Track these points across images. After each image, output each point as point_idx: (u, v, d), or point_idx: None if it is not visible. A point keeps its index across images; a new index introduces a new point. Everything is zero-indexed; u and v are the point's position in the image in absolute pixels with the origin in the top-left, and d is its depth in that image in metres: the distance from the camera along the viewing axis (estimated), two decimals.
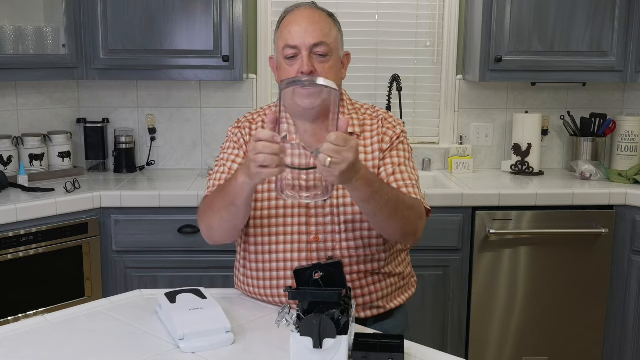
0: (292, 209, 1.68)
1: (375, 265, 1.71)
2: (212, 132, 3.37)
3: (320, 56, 1.64)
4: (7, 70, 2.80)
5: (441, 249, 2.86)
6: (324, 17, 1.69)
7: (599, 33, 3.08)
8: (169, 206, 2.78)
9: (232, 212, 1.60)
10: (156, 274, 2.82)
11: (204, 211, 1.70)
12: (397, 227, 1.61)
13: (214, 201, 1.65)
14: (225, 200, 1.58)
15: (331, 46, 1.65)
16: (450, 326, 2.94)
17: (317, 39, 1.63)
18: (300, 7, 1.70)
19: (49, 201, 2.65)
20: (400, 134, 1.76)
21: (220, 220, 1.64)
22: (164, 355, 1.41)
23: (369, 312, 1.72)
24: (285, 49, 1.65)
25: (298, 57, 1.64)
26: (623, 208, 2.91)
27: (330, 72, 1.65)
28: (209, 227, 1.69)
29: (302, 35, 1.63)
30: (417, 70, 3.42)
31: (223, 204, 1.60)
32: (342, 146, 1.36)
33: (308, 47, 1.63)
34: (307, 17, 1.66)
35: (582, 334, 2.98)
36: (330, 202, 1.67)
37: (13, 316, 2.57)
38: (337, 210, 1.68)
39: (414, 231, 1.65)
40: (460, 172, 3.31)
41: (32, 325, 1.57)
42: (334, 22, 1.72)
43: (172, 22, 2.97)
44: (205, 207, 1.70)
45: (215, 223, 1.66)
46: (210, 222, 1.67)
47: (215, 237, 1.71)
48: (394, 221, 1.59)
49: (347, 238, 1.68)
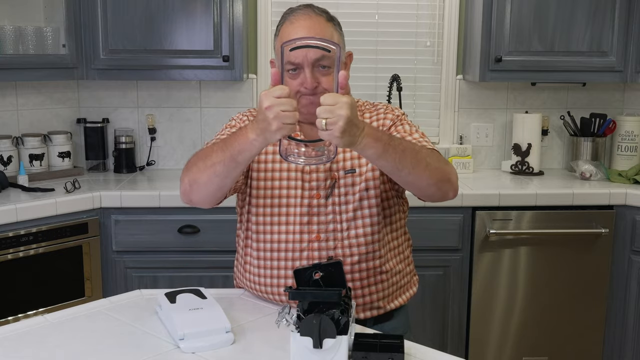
0: (294, 207, 1.68)
1: (376, 263, 1.71)
2: (212, 132, 3.37)
3: (324, 68, 1.60)
4: (7, 70, 2.80)
5: (441, 249, 2.86)
6: (323, 23, 1.64)
7: (599, 33, 3.08)
8: (169, 206, 2.78)
9: (229, 168, 1.52)
10: (156, 274, 2.82)
11: (194, 163, 1.60)
12: (427, 176, 1.55)
13: (210, 154, 1.55)
14: (226, 153, 1.50)
15: (334, 57, 1.59)
16: (450, 326, 2.94)
17: (319, 53, 1.57)
18: (299, 14, 1.64)
19: (49, 201, 2.65)
20: (400, 115, 1.75)
21: (211, 174, 1.54)
22: (164, 355, 1.41)
23: (368, 313, 1.72)
24: (286, 64, 1.59)
25: (300, 72, 1.60)
26: (623, 208, 2.91)
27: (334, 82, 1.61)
28: (193, 181, 1.59)
29: (303, 52, 1.56)
30: (417, 70, 3.42)
31: (222, 157, 1.51)
32: (333, 105, 1.35)
33: (310, 64, 1.58)
34: (307, 31, 1.61)
35: (582, 334, 2.98)
36: (332, 200, 1.68)
37: (13, 316, 2.57)
38: (339, 208, 1.68)
39: (447, 177, 1.60)
40: (460, 172, 3.30)
41: (32, 325, 1.57)
42: (334, 25, 1.67)
43: (172, 22, 2.97)
44: (197, 159, 1.60)
45: (204, 178, 1.56)
46: (198, 176, 1.57)
47: (195, 194, 1.61)
48: (421, 170, 1.53)
49: (349, 236, 1.68)
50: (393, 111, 1.76)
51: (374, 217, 1.69)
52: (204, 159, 1.57)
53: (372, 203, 1.68)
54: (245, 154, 1.49)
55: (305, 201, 1.67)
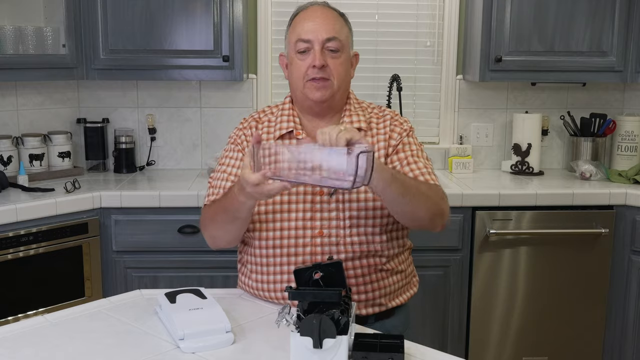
0: (296, 204, 1.69)
1: (378, 261, 1.71)
2: (212, 132, 3.37)
3: (332, 51, 1.69)
4: (7, 70, 2.80)
5: (441, 249, 2.86)
6: (336, 15, 1.75)
7: (599, 33, 3.08)
8: (169, 206, 2.78)
9: (237, 225, 1.65)
10: (156, 274, 2.82)
11: (207, 223, 1.73)
12: (422, 210, 1.62)
13: (216, 216, 1.68)
14: (229, 215, 1.62)
15: (343, 42, 1.71)
16: (450, 326, 2.94)
17: (330, 33, 1.68)
18: (314, 4, 1.76)
19: (49, 201, 2.65)
20: (408, 129, 1.79)
21: (225, 230, 1.68)
22: (163, 355, 1.41)
23: (370, 310, 1.73)
24: (297, 42, 1.69)
25: (310, 52, 1.69)
26: (623, 208, 2.91)
27: (342, 67, 1.71)
28: (212, 236, 1.74)
29: (315, 29, 1.68)
30: (417, 70, 3.42)
31: (226, 217, 1.63)
32: None
33: (321, 42, 1.68)
34: (320, 14, 1.72)
35: (582, 334, 2.98)
36: (336, 197, 1.68)
37: (13, 316, 2.57)
38: (342, 205, 1.69)
39: (441, 212, 1.67)
40: (460, 172, 3.31)
41: (32, 325, 1.57)
42: (345, 21, 1.78)
43: (172, 22, 2.97)
44: (208, 219, 1.73)
45: (220, 233, 1.70)
46: (215, 232, 1.71)
47: (219, 243, 1.75)
48: (418, 204, 1.60)
49: (351, 233, 1.68)
50: (402, 124, 1.79)
51: (377, 217, 1.69)
52: (212, 219, 1.69)
53: (376, 204, 1.69)
54: (243, 212, 1.59)
55: (308, 197, 1.69)
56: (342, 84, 1.73)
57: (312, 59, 1.67)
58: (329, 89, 1.69)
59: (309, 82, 1.69)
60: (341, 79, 1.72)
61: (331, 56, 1.69)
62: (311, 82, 1.68)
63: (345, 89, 1.77)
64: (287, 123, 1.76)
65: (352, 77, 1.81)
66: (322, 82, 1.69)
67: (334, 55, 1.70)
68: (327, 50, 1.69)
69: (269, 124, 1.79)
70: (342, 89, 1.74)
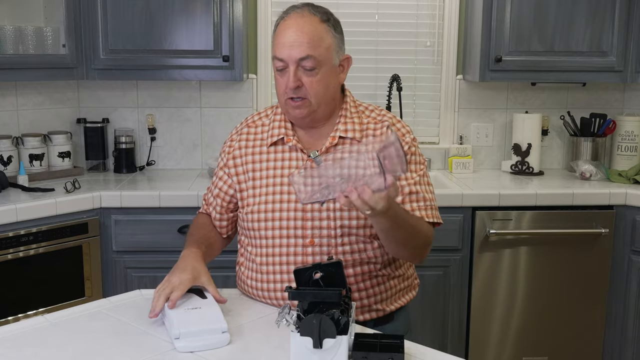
0: (287, 212, 1.67)
1: (372, 268, 1.70)
2: (212, 132, 3.37)
3: (308, 70, 1.62)
4: (7, 70, 2.80)
5: (441, 249, 2.85)
6: (315, 24, 1.62)
7: (599, 33, 3.08)
8: (169, 206, 2.78)
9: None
10: (156, 274, 2.78)
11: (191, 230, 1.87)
12: (405, 255, 1.69)
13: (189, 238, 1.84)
14: None
15: (320, 58, 1.61)
16: (450, 326, 2.94)
17: (303, 52, 1.59)
18: (294, 12, 1.64)
19: (49, 201, 2.65)
20: (410, 142, 1.74)
21: None
22: (163, 355, 1.41)
23: (367, 315, 1.71)
24: (274, 60, 1.65)
25: (286, 70, 1.62)
26: (623, 208, 2.91)
27: (319, 84, 1.63)
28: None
29: (290, 46, 1.60)
30: (417, 70, 3.42)
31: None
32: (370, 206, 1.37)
33: (295, 62, 1.60)
34: (296, 28, 1.61)
35: (582, 334, 2.98)
36: (327, 206, 1.67)
37: (13, 316, 2.57)
38: (334, 214, 1.66)
39: (420, 259, 1.70)
40: (460, 172, 3.31)
41: (32, 325, 1.57)
42: (329, 27, 1.64)
43: (172, 22, 2.97)
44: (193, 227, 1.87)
45: None
46: None
47: None
48: (405, 250, 1.64)
49: (342, 242, 1.66)
50: (404, 136, 1.74)
51: (368, 226, 1.66)
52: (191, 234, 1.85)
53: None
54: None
55: (299, 206, 1.66)
56: (321, 100, 1.66)
57: (286, 80, 1.62)
58: (306, 108, 1.64)
59: (287, 100, 1.65)
60: (319, 97, 1.64)
61: (307, 75, 1.61)
62: (289, 101, 1.64)
63: (327, 102, 1.68)
64: (279, 130, 1.72)
65: (343, 81, 1.74)
66: (299, 102, 1.64)
67: (310, 74, 1.61)
68: (302, 68, 1.61)
69: (262, 129, 1.77)
70: (323, 104, 1.67)
